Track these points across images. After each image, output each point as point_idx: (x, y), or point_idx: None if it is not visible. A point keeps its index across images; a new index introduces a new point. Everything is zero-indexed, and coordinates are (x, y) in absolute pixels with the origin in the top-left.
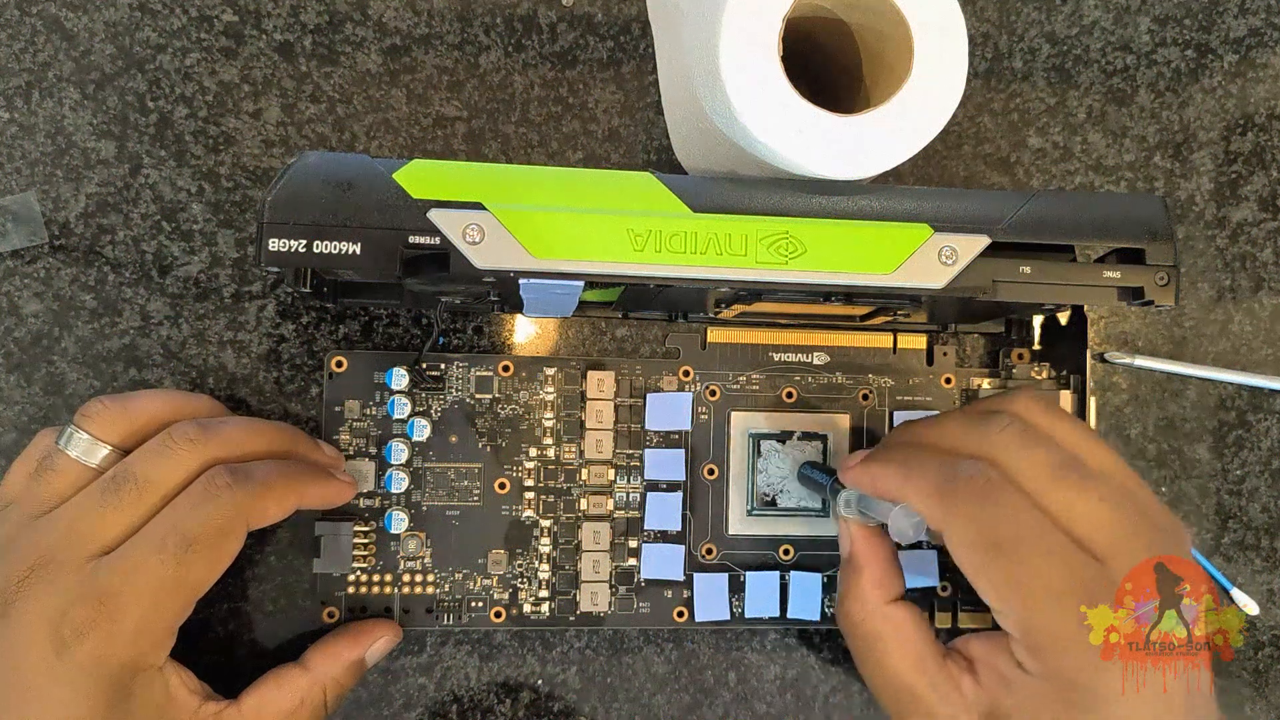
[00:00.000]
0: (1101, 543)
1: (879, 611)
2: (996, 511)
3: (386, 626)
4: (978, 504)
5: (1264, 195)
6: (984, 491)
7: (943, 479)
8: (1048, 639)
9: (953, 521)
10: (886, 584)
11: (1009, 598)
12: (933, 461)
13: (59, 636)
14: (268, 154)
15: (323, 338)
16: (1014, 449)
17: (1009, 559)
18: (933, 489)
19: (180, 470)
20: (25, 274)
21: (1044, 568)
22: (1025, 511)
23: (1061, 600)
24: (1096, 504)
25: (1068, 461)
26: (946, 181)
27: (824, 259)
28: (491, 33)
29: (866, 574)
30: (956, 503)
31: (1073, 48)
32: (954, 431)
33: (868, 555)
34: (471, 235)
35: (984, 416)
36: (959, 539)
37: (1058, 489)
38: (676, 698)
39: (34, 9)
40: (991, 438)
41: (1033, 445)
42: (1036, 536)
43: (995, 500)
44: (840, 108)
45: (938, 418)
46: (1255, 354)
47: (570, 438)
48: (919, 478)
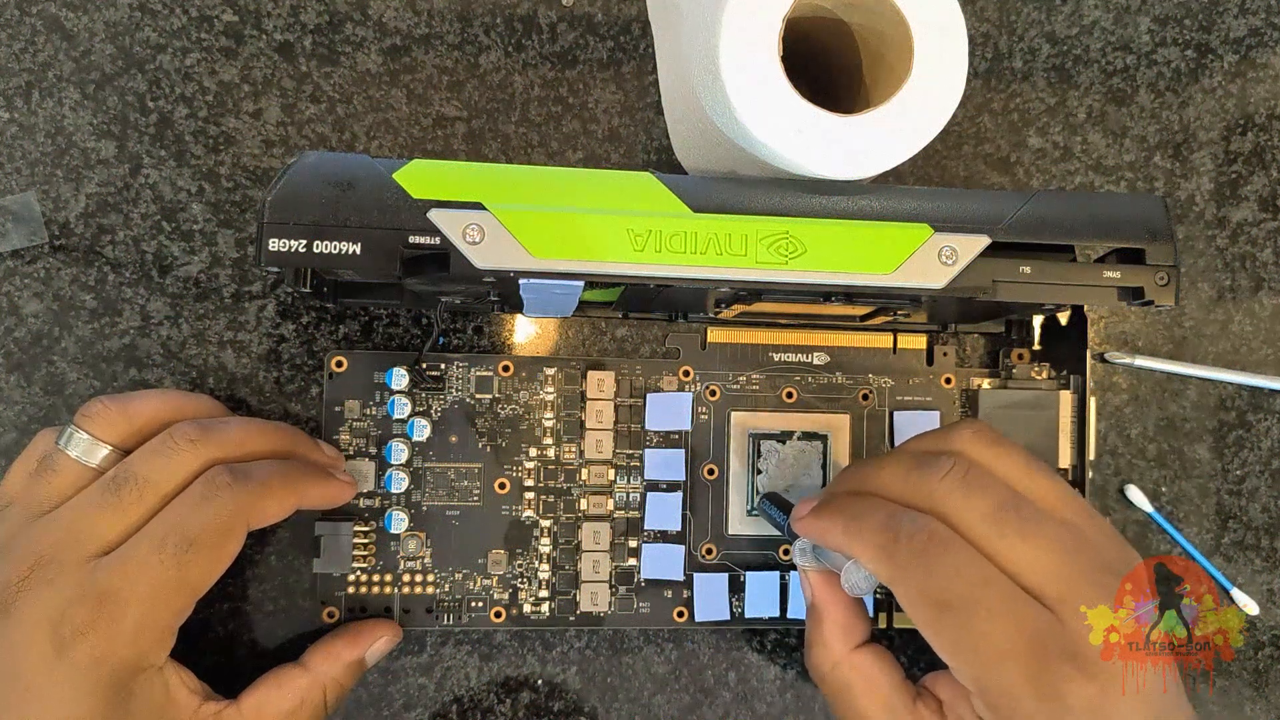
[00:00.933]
0: (1049, 591)
1: (845, 660)
2: (941, 568)
3: (386, 626)
4: (922, 562)
5: (1264, 195)
6: (926, 548)
7: (886, 536)
8: (1002, 697)
9: (899, 580)
10: (850, 630)
11: (961, 656)
12: (877, 516)
13: (59, 636)
14: (268, 154)
15: (323, 338)
16: (956, 497)
17: (957, 618)
18: (877, 546)
19: (181, 471)
20: (25, 274)
21: (993, 626)
22: (971, 566)
23: (1012, 658)
24: (1043, 549)
25: (1011, 504)
26: (946, 181)
27: (824, 259)
28: (491, 33)
29: (828, 621)
30: (901, 561)
31: (1073, 48)
32: (897, 478)
33: (828, 603)
34: (471, 235)
35: (926, 460)
36: (906, 597)
37: (1002, 536)
38: (676, 698)
39: (34, 9)
40: (933, 485)
41: (974, 490)
42: (982, 593)
43: (939, 556)
44: (840, 108)
45: (885, 459)
46: (1255, 354)
47: (570, 438)
48: (864, 534)
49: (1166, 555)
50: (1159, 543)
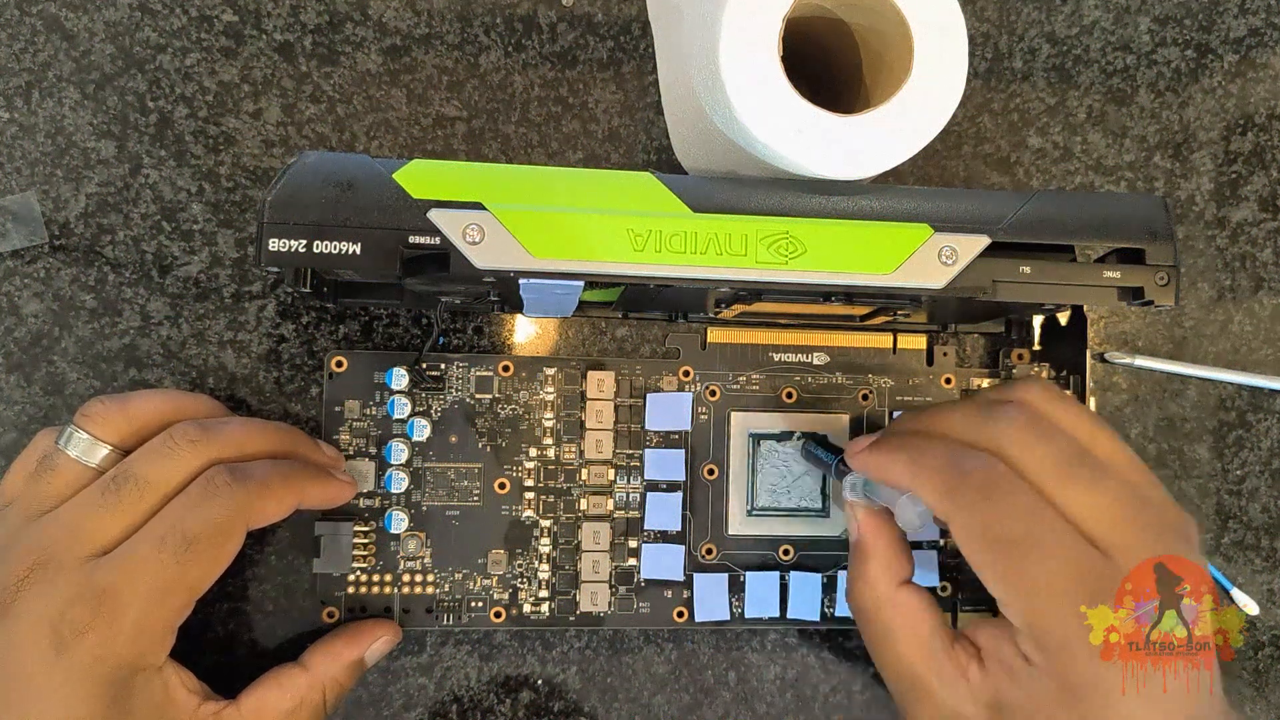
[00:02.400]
0: (1108, 538)
1: (888, 596)
2: (1002, 507)
3: (386, 626)
4: (984, 499)
5: (1264, 195)
6: (990, 486)
7: (949, 471)
8: (1052, 635)
9: (958, 515)
10: (894, 568)
11: (1014, 593)
12: (940, 452)
13: (58, 636)
14: (268, 154)
15: (323, 338)
16: (1021, 442)
17: (1014, 555)
18: (939, 481)
19: (181, 470)
20: (25, 274)
21: (1049, 564)
22: (1031, 507)
23: (1066, 597)
24: (1103, 499)
25: (1075, 455)
26: (946, 181)
27: (824, 259)
28: (491, 33)
29: (874, 558)
30: (963, 496)
31: (1073, 48)
32: (962, 421)
33: (875, 539)
34: (471, 235)
35: (992, 406)
36: (965, 533)
37: (1064, 484)
38: (676, 698)
39: (34, 9)
40: (999, 429)
41: (1040, 438)
42: (1042, 532)
43: (1001, 495)
44: (840, 108)
45: (947, 405)
46: (1255, 354)
47: (570, 438)
48: (926, 469)
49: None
50: None
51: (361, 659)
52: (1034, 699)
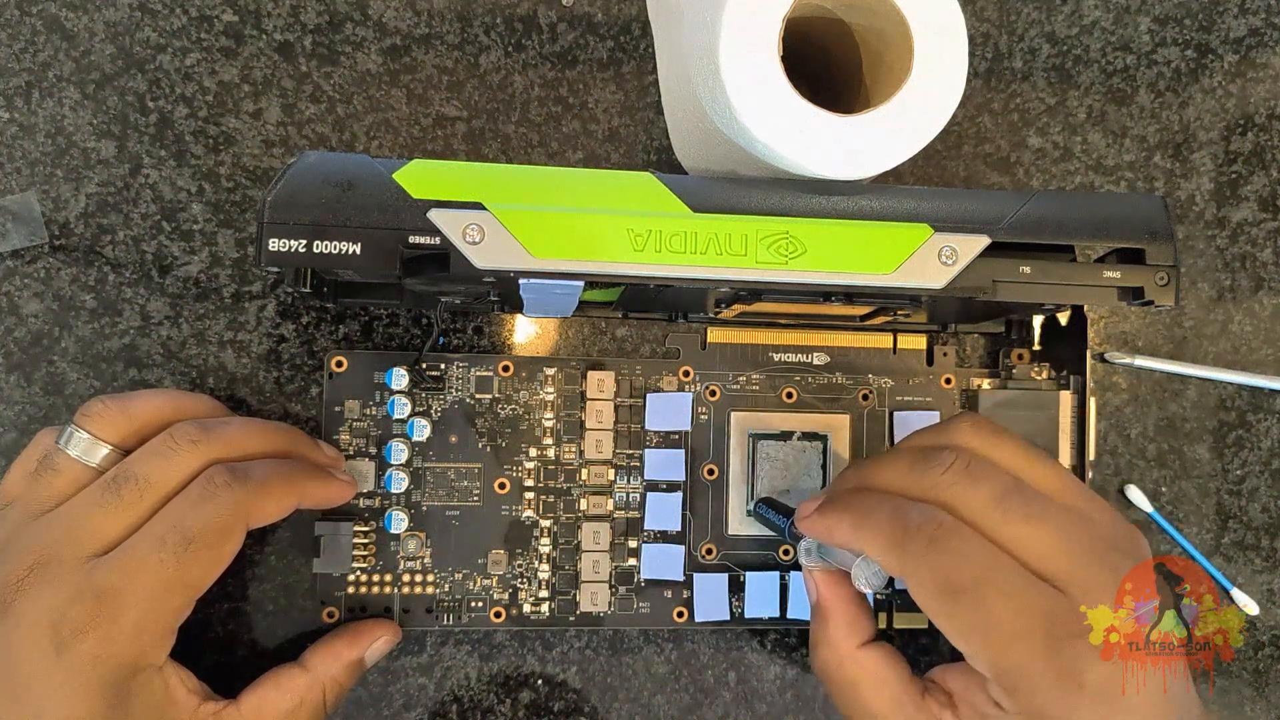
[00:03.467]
0: (1058, 571)
1: (851, 657)
2: (950, 555)
3: (385, 626)
4: (932, 551)
5: (1264, 195)
6: (935, 537)
7: (895, 528)
8: (1019, 679)
9: (909, 569)
10: (856, 628)
11: (976, 642)
12: (884, 509)
13: (58, 635)
14: (268, 154)
15: (323, 338)
16: (959, 487)
17: (969, 603)
18: (885, 538)
19: (181, 470)
20: (25, 274)
21: (1005, 608)
22: (979, 552)
23: (1027, 638)
24: (1047, 531)
25: (1013, 490)
26: (946, 181)
27: (824, 259)
28: (491, 33)
29: (833, 620)
30: (911, 551)
31: (1073, 48)
32: (902, 473)
33: (834, 601)
34: (471, 235)
35: (926, 455)
36: (919, 588)
37: (1007, 522)
38: (676, 698)
39: (34, 9)
40: (935, 478)
41: (975, 480)
42: (993, 576)
43: (948, 545)
44: (840, 108)
45: (884, 458)
46: (1255, 354)
47: (570, 438)
48: (872, 528)
49: (1166, 555)
50: (1159, 543)
51: (361, 659)
52: None
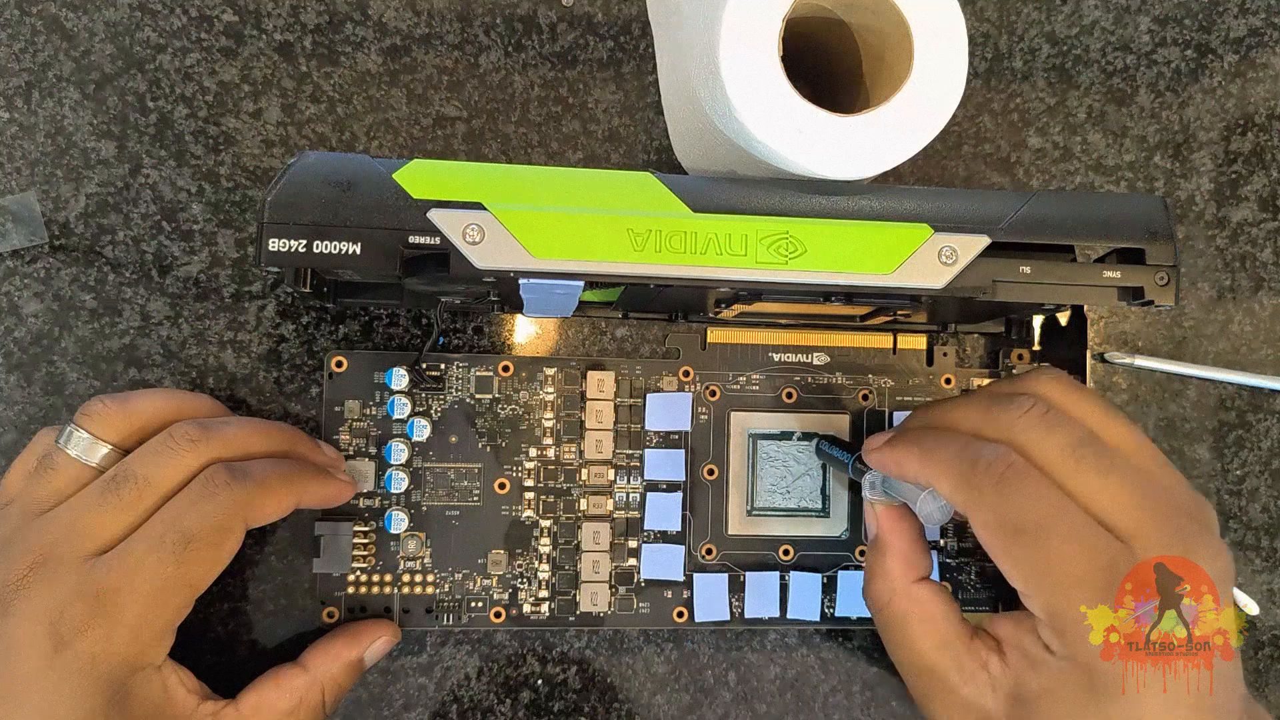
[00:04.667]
0: (1125, 524)
1: (905, 591)
2: (1019, 496)
3: (385, 626)
4: (1000, 489)
5: (1264, 195)
6: (1006, 476)
7: (965, 464)
8: (1073, 623)
9: (976, 506)
10: (913, 563)
11: (1034, 582)
12: (954, 445)
13: (57, 634)
14: (268, 154)
15: (323, 338)
16: (1035, 431)
17: (1033, 543)
18: (955, 474)
19: (181, 470)
20: (25, 274)
21: (1068, 552)
22: (1048, 495)
23: (1086, 584)
24: (1119, 485)
25: (1089, 442)
26: (946, 181)
27: (824, 259)
28: (491, 33)
29: (891, 553)
30: (979, 488)
31: (1073, 48)
32: (976, 414)
33: (893, 535)
34: (471, 235)
35: (1005, 398)
36: (982, 523)
37: (1079, 471)
38: (676, 698)
39: (34, 9)
40: (1012, 420)
41: (1054, 427)
42: (1059, 520)
43: (1017, 484)
44: (840, 108)
45: (959, 399)
46: (1255, 354)
47: (570, 438)
48: (941, 462)
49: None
50: None
51: (361, 659)
52: (1055, 688)
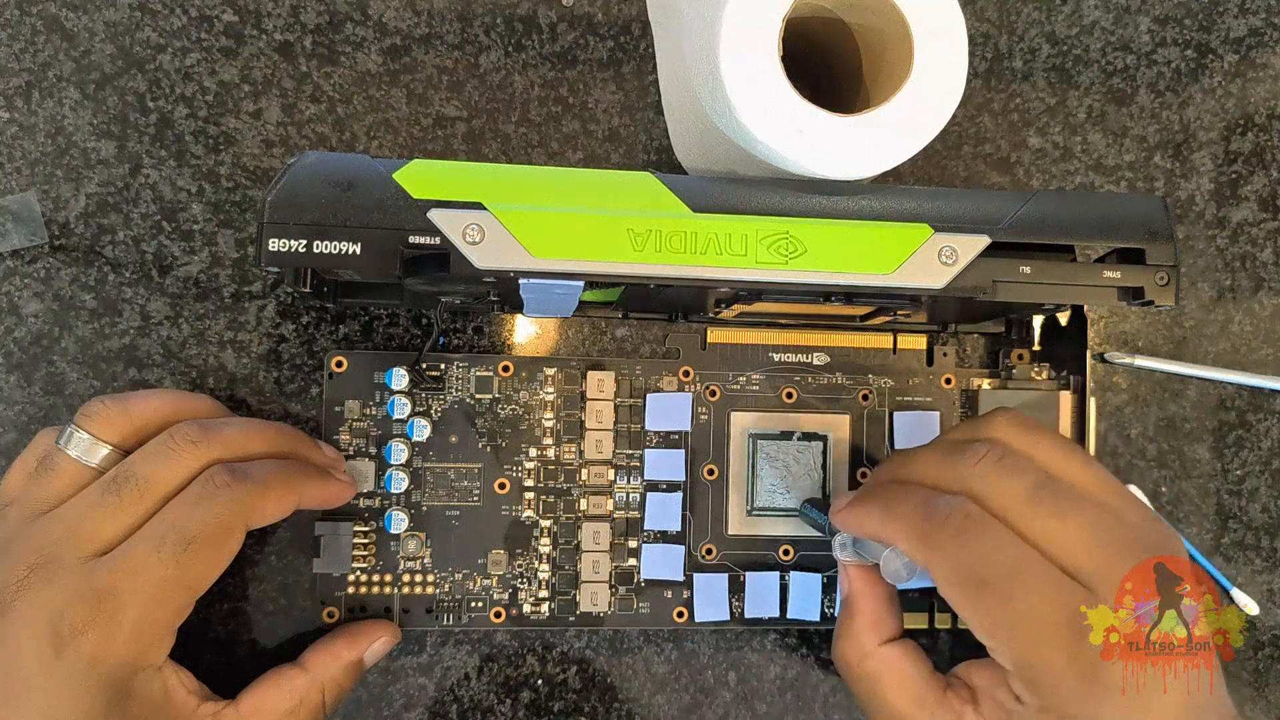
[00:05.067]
0: (1086, 566)
1: (874, 653)
2: (978, 548)
3: (385, 627)
4: (958, 541)
5: (1264, 195)
6: (963, 528)
7: (922, 518)
8: (1042, 673)
9: (936, 561)
10: (882, 625)
11: (999, 634)
12: (912, 500)
13: (58, 635)
14: (268, 154)
15: (323, 338)
16: (990, 479)
17: (995, 595)
18: (913, 529)
19: (181, 471)
20: (25, 274)
21: (1031, 602)
22: (1007, 545)
23: (1051, 633)
24: (1077, 527)
25: (1045, 485)
26: (946, 181)
27: (824, 259)
28: (491, 33)
29: (860, 615)
30: (938, 541)
31: (1073, 48)
32: (932, 466)
33: (863, 596)
34: (471, 235)
35: (960, 447)
36: (943, 578)
37: (1037, 516)
38: (676, 698)
39: (34, 9)
40: (968, 469)
41: (1009, 473)
42: (1021, 570)
43: (976, 536)
44: (840, 108)
45: (915, 451)
46: (1255, 354)
47: (570, 438)
48: (899, 518)
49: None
50: None
51: (361, 659)
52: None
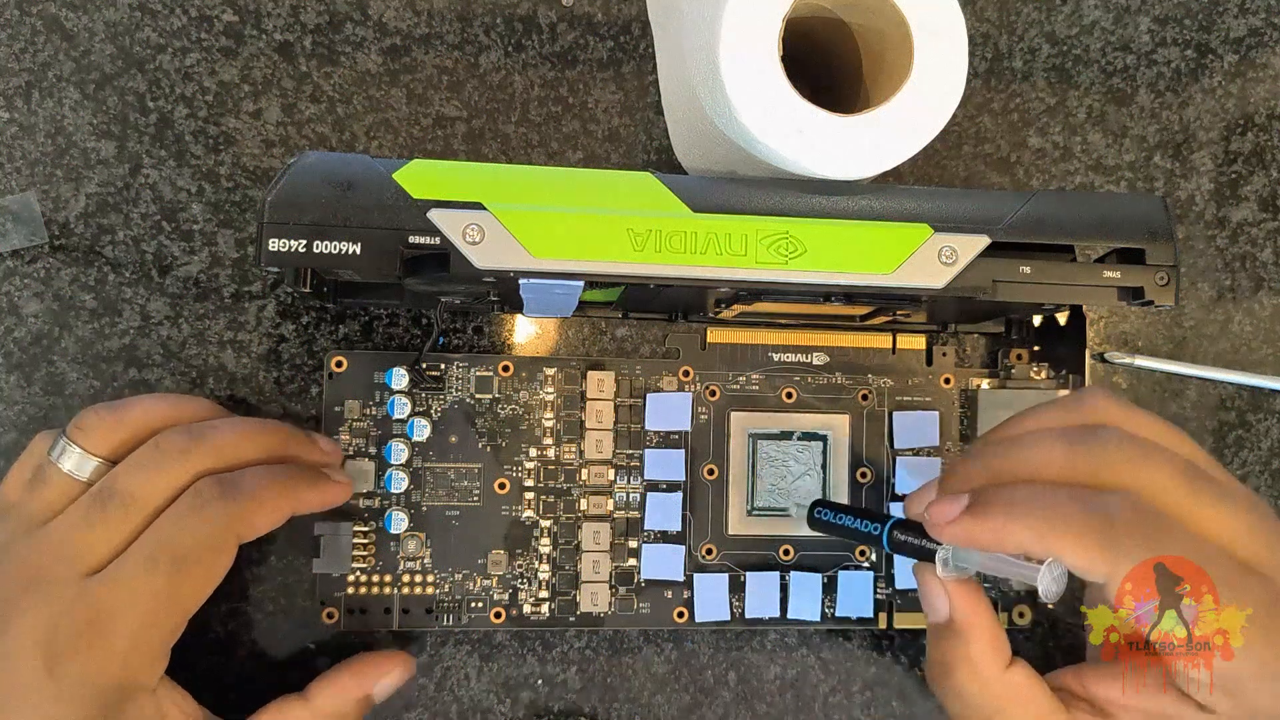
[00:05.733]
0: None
1: (999, 679)
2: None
3: (397, 660)
4: (1145, 544)
5: (1264, 195)
6: (1148, 530)
7: (1098, 524)
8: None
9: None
10: (1001, 648)
11: None
12: (1072, 505)
13: (51, 655)
14: (268, 154)
15: (323, 338)
16: (1142, 470)
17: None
18: (1090, 539)
19: (168, 484)
20: (25, 274)
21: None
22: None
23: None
24: (1237, 515)
25: (1194, 470)
26: (946, 181)
27: (824, 259)
28: (491, 33)
29: (979, 641)
30: (1125, 550)
31: (1073, 48)
32: (1059, 458)
33: (974, 618)
34: (471, 235)
35: (1085, 434)
36: None
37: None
38: (676, 698)
39: (34, 9)
40: (1110, 460)
41: (1155, 460)
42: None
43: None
44: (840, 108)
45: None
46: (1255, 354)
47: (570, 438)
48: (1064, 529)
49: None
50: None
51: (369, 695)
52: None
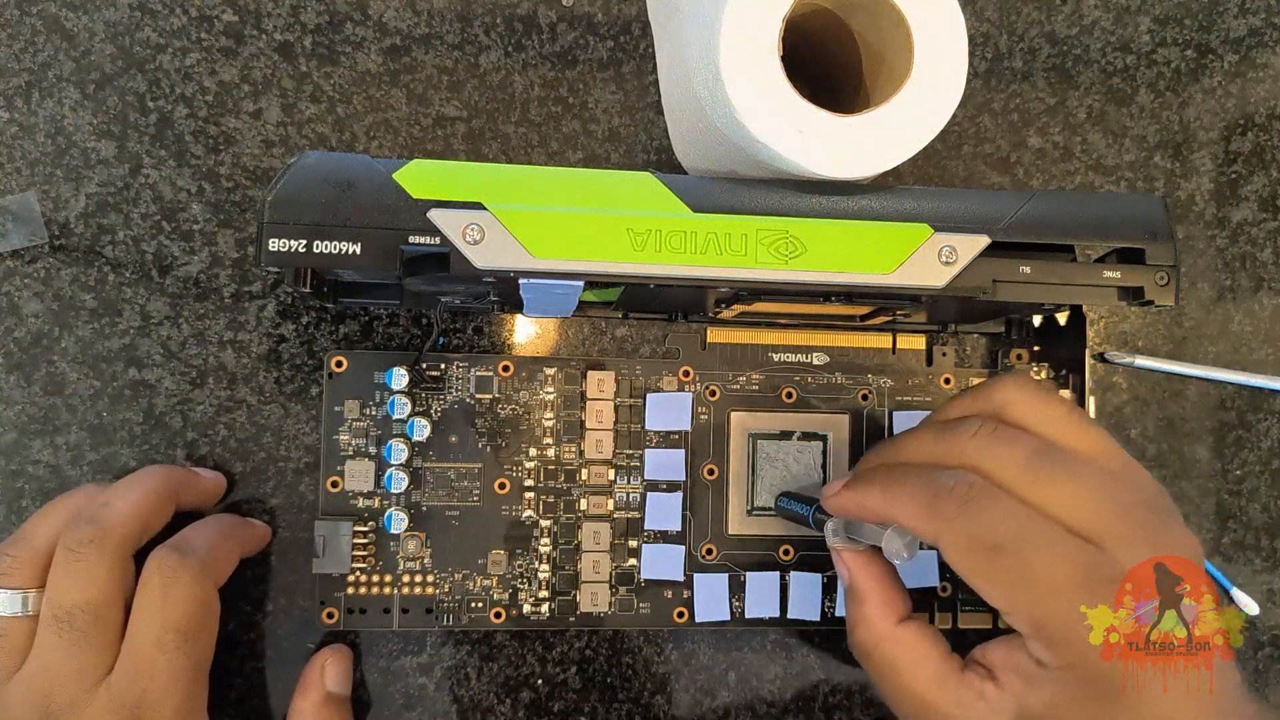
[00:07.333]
0: (1093, 527)
1: (889, 635)
2: (986, 515)
3: (327, 652)
4: (966, 512)
5: (1264, 195)
6: (969, 498)
7: (927, 494)
8: (1061, 629)
9: (945, 533)
10: (892, 606)
11: (1015, 596)
12: (913, 478)
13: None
14: (268, 154)
15: (323, 338)
16: (988, 451)
17: (1008, 558)
18: (919, 506)
19: (104, 574)
20: (25, 274)
21: (1044, 560)
22: (1014, 510)
23: (1066, 591)
24: (1076, 490)
25: (1043, 452)
26: (946, 181)
27: (824, 259)
28: (491, 33)
29: (869, 599)
30: (945, 515)
31: (1073, 48)
32: (928, 444)
33: (868, 580)
34: (471, 235)
35: (954, 424)
36: (954, 549)
37: (1038, 482)
38: (676, 698)
39: (34, 9)
40: (964, 444)
41: (1005, 443)
42: (1031, 532)
43: (983, 504)
44: (840, 108)
45: (909, 433)
46: (1255, 354)
47: (570, 438)
48: (903, 497)
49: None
50: None
51: (329, 693)
52: (1056, 700)
